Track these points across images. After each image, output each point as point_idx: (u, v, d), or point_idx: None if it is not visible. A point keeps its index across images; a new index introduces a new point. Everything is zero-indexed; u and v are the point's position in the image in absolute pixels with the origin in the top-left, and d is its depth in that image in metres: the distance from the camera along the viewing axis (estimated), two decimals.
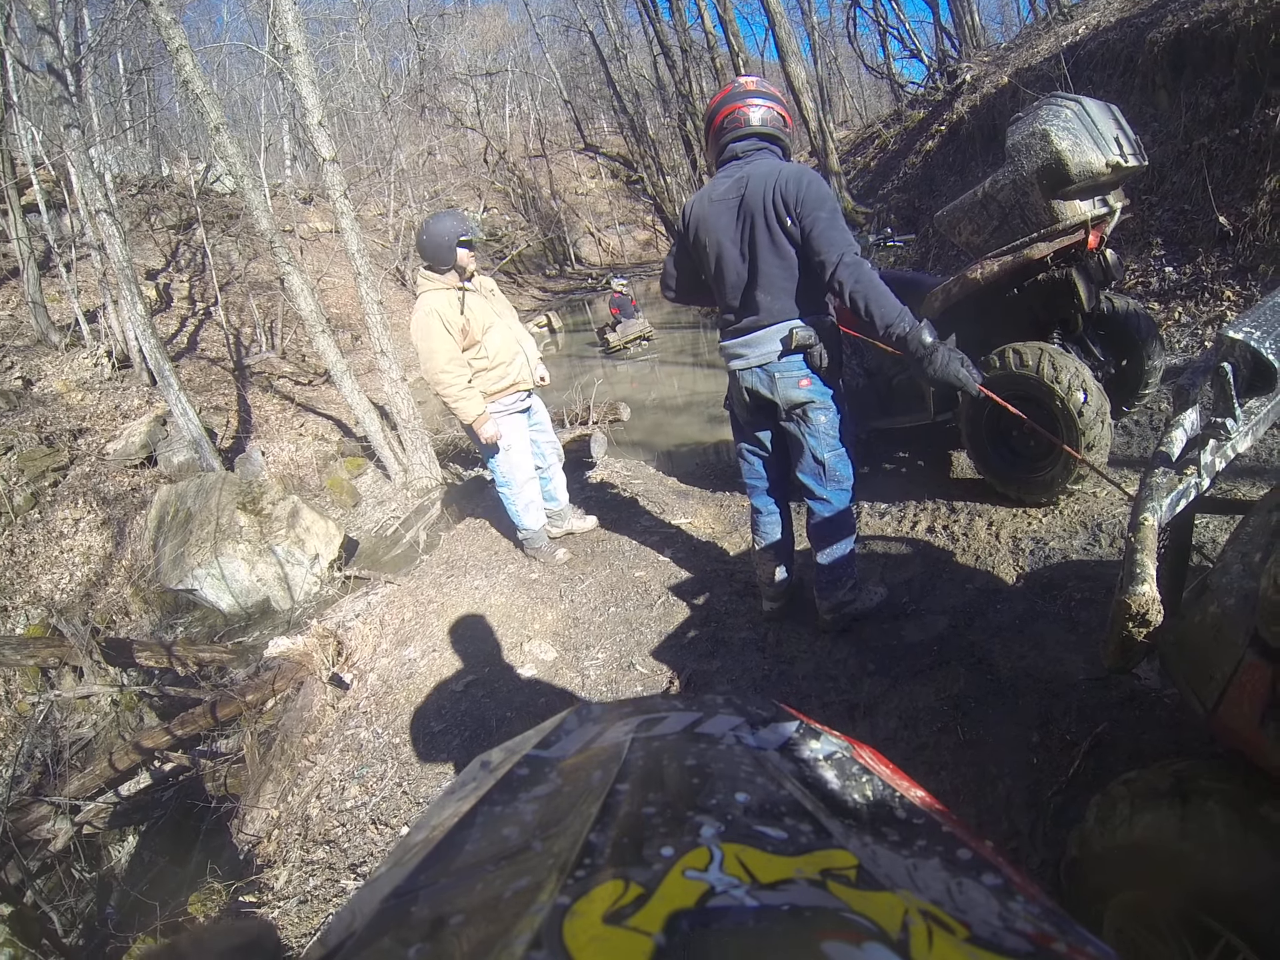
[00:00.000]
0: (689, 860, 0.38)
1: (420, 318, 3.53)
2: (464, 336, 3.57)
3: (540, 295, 25.86)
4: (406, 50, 33.32)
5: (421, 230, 3.61)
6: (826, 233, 2.27)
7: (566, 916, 0.34)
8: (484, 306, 3.71)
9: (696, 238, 2.57)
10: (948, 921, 0.35)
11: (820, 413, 2.56)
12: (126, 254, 8.43)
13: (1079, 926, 0.38)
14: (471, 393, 3.59)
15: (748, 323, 2.55)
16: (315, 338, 7.29)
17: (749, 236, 2.42)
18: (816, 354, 2.47)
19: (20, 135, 11.59)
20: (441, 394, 3.59)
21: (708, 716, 0.58)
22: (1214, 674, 1.05)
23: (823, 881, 0.37)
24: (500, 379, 3.76)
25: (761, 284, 2.46)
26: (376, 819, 2.75)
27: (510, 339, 3.82)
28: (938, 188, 9.34)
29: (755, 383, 2.60)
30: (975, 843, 0.46)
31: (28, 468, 8.48)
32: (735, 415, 2.91)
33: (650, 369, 11.86)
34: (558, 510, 4.38)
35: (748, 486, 3.00)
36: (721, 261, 2.52)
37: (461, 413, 3.61)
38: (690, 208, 2.59)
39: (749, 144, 2.49)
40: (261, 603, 6.34)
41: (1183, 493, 1.37)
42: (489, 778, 0.53)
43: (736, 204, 2.41)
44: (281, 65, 7.10)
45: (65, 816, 3.68)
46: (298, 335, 13.84)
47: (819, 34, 16.28)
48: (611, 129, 34.23)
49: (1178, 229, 5.21)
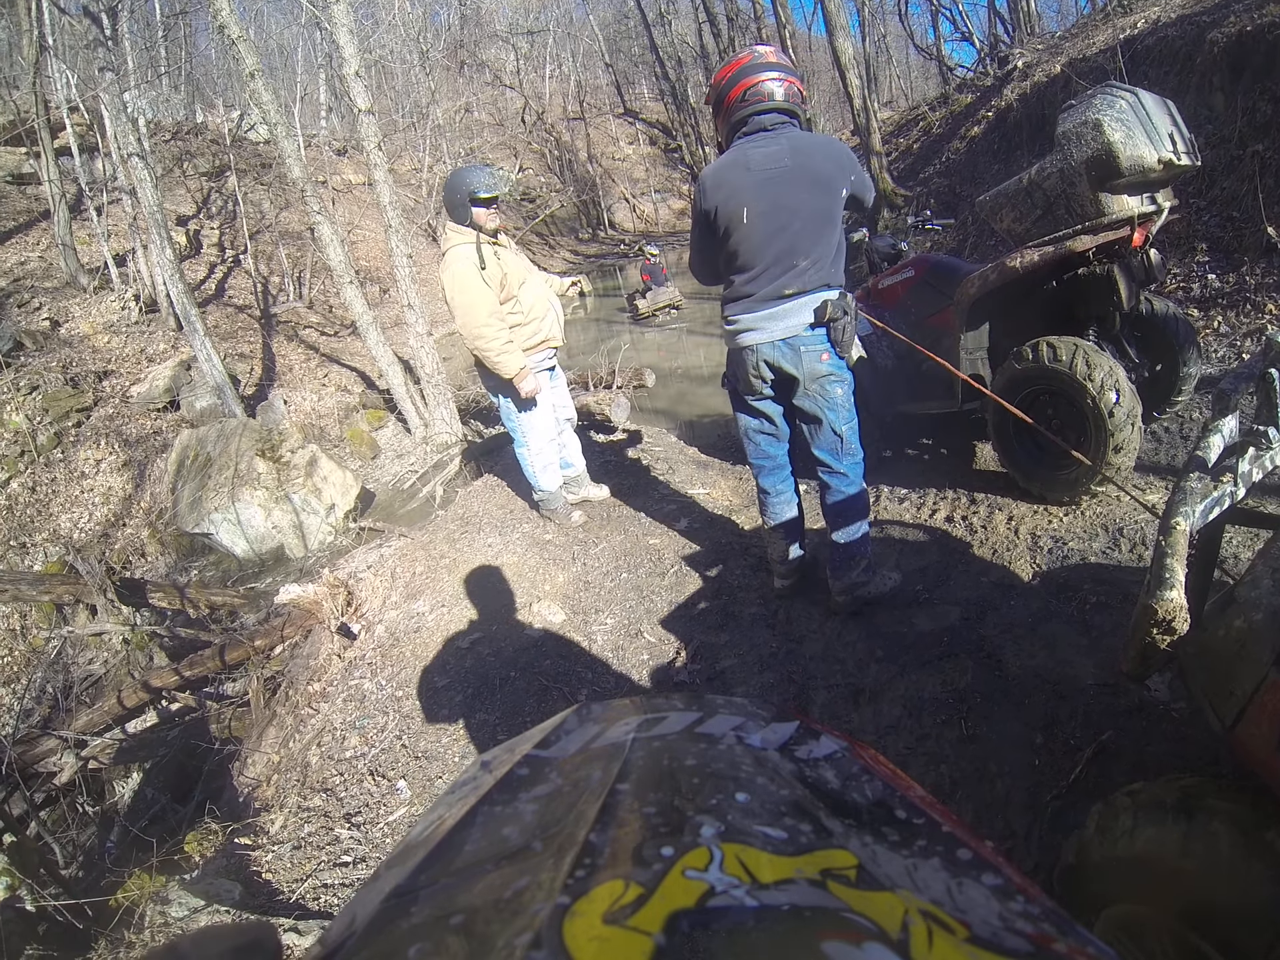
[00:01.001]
0: (689, 860, 0.38)
1: (456, 270, 3.41)
2: (501, 289, 3.49)
3: (571, 258, 25.73)
4: (447, 5, 32.96)
5: (444, 183, 3.57)
6: (869, 188, 2.54)
7: (566, 916, 0.34)
8: (517, 261, 3.66)
9: (724, 208, 2.48)
10: (948, 921, 0.35)
11: (838, 385, 2.57)
12: (157, 199, 8.45)
13: (1079, 927, 0.38)
14: (513, 347, 3.52)
15: (775, 291, 2.50)
16: (343, 289, 7.30)
17: (809, 203, 2.40)
18: (840, 327, 2.47)
19: (55, 78, 11.56)
20: (482, 348, 3.48)
21: (708, 716, 0.58)
22: (1235, 690, 1.02)
23: (823, 881, 0.37)
24: (533, 335, 3.71)
25: (806, 250, 2.44)
26: (374, 770, 2.78)
27: (543, 295, 3.77)
28: (980, 175, 9.15)
29: (777, 357, 2.57)
30: (975, 843, 0.45)
31: (52, 408, 8.60)
32: (738, 394, 2.85)
33: (678, 337, 11.78)
34: (574, 475, 4.34)
35: (754, 467, 2.97)
36: (759, 230, 2.45)
37: (504, 367, 3.51)
38: (715, 178, 2.48)
39: (774, 117, 2.45)
40: (275, 550, 6.42)
41: (1216, 500, 1.34)
42: (489, 778, 0.53)
43: (789, 173, 2.38)
44: (320, 13, 7.03)
45: (72, 751, 3.76)
46: (325, 286, 13.84)
47: (869, 10, 15.90)
48: (652, 95, 33.88)
49: (1224, 236, 5.08)
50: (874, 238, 4.33)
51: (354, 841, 2.51)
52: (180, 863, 2.69)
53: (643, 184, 31.78)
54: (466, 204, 3.44)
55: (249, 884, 2.40)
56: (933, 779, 2.07)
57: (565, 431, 4.21)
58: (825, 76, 27.95)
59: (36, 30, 10.68)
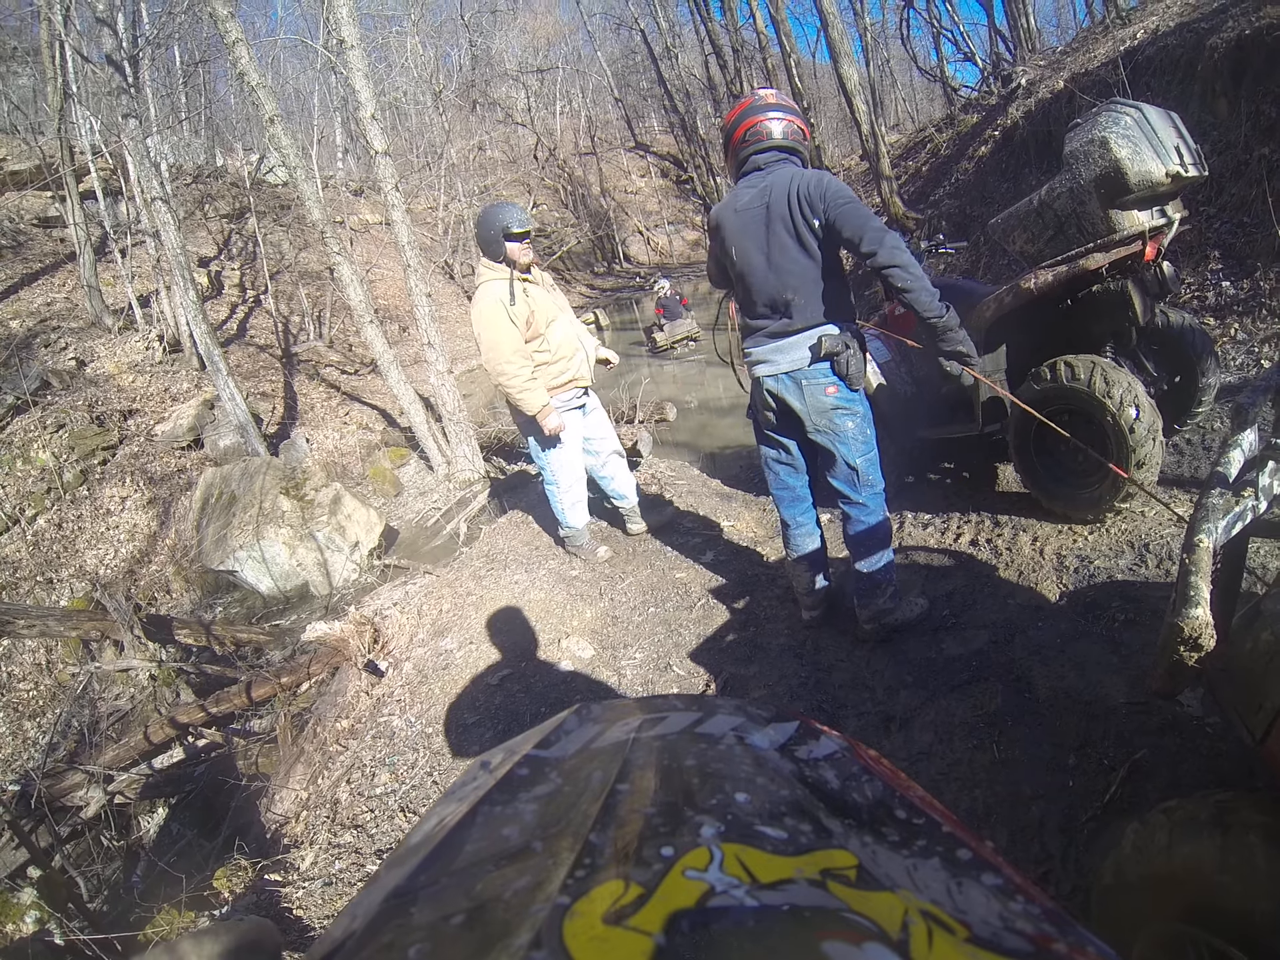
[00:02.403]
0: (689, 860, 0.38)
1: (484, 307, 3.48)
2: (527, 327, 3.53)
3: (588, 292, 25.92)
4: (458, 46, 33.56)
5: (476, 220, 3.63)
6: (852, 218, 2.32)
7: (566, 916, 0.34)
8: (547, 299, 3.69)
9: (723, 246, 2.63)
10: (948, 921, 0.35)
11: (848, 418, 2.57)
12: (180, 241, 8.64)
13: (1079, 927, 0.38)
14: (536, 384, 3.55)
15: (777, 328, 2.57)
16: (363, 328, 7.40)
17: (778, 242, 2.46)
18: (844, 361, 2.49)
19: (79, 125, 11.88)
20: (505, 384, 3.52)
21: (708, 716, 0.58)
22: (1264, 703, 1.01)
23: (823, 881, 0.37)
24: (561, 374, 3.73)
25: (791, 287, 2.49)
26: (405, 806, 2.77)
27: (571, 334, 3.80)
28: (990, 194, 9.18)
29: (782, 391, 2.61)
30: (975, 843, 0.46)
31: (78, 446, 8.74)
32: (759, 424, 2.90)
33: (697, 370, 11.77)
34: (629, 508, 4.31)
35: (775, 498, 2.99)
36: (749, 269, 2.56)
37: (526, 404, 3.55)
38: (715, 217, 2.65)
39: (770, 155, 2.53)
40: (300, 587, 6.46)
41: (1239, 515, 1.33)
42: (489, 778, 0.53)
43: (762, 212, 2.46)
44: (335, 59, 7.23)
45: (98, 785, 3.77)
46: (345, 325, 14.05)
47: (871, 35, 16.08)
48: (662, 128, 34.24)
49: (1236, 242, 5.06)
50: None
51: None
52: (209, 898, 2.69)
53: (656, 216, 32.05)
54: (500, 240, 3.50)
55: (280, 920, 2.40)
56: (967, 804, 2.04)
57: (610, 464, 4.15)
58: (832, 103, 28.22)
59: (61, 78, 11.06)
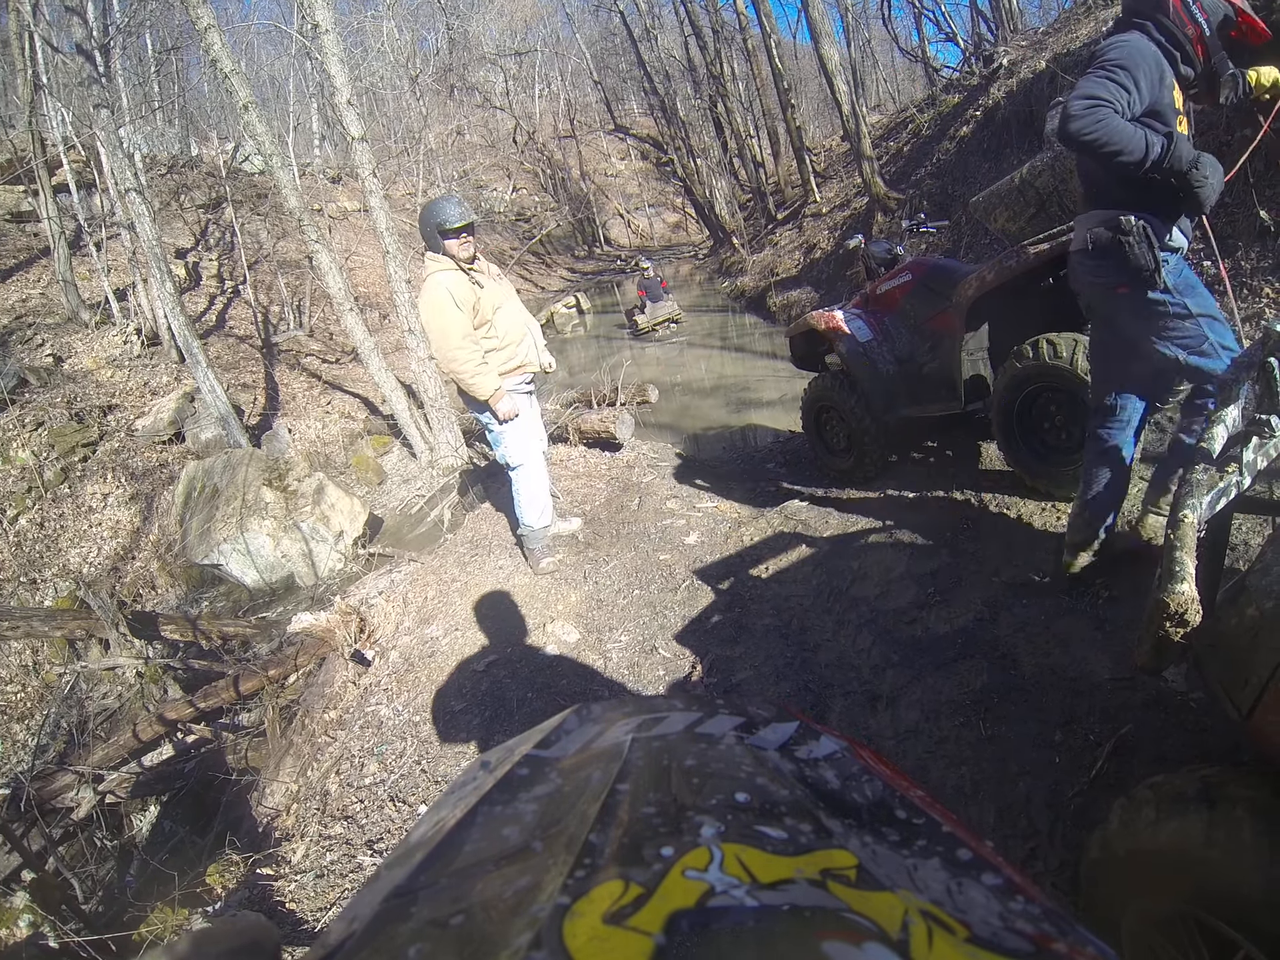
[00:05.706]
0: (689, 860, 0.38)
1: (430, 296, 3.49)
2: (475, 314, 3.54)
3: (569, 276, 25.81)
4: (435, 30, 33.21)
5: (419, 217, 3.61)
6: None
7: (567, 916, 0.34)
8: (493, 286, 3.69)
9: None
10: (948, 921, 0.36)
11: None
12: (156, 233, 8.50)
13: (1079, 926, 0.38)
14: (486, 369, 3.55)
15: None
16: (343, 316, 7.33)
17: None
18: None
19: (50, 116, 11.68)
20: (456, 371, 3.53)
21: (708, 716, 0.58)
22: (1250, 678, 1.02)
23: (823, 881, 0.37)
24: (510, 359, 3.74)
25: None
26: (395, 796, 2.77)
27: (519, 320, 3.80)
28: (972, 174, 9.18)
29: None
30: (975, 843, 0.46)
31: (58, 443, 8.62)
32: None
33: (679, 351, 11.79)
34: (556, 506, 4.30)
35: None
36: None
37: (478, 389, 3.55)
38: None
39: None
40: (286, 578, 6.42)
41: (1223, 491, 1.34)
42: (489, 778, 0.53)
43: None
44: (310, 44, 7.12)
45: (89, 785, 3.75)
46: (325, 314, 13.90)
47: (853, 16, 15.98)
48: (642, 110, 33.96)
49: (1217, 222, 5.06)
50: (870, 243, 4.36)
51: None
52: (202, 895, 2.68)
53: (636, 199, 31.94)
54: (436, 236, 3.47)
55: (273, 914, 2.40)
56: (954, 781, 2.06)
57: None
58: (812, 84, 28.09)
59: (31, 69, 10.83)
